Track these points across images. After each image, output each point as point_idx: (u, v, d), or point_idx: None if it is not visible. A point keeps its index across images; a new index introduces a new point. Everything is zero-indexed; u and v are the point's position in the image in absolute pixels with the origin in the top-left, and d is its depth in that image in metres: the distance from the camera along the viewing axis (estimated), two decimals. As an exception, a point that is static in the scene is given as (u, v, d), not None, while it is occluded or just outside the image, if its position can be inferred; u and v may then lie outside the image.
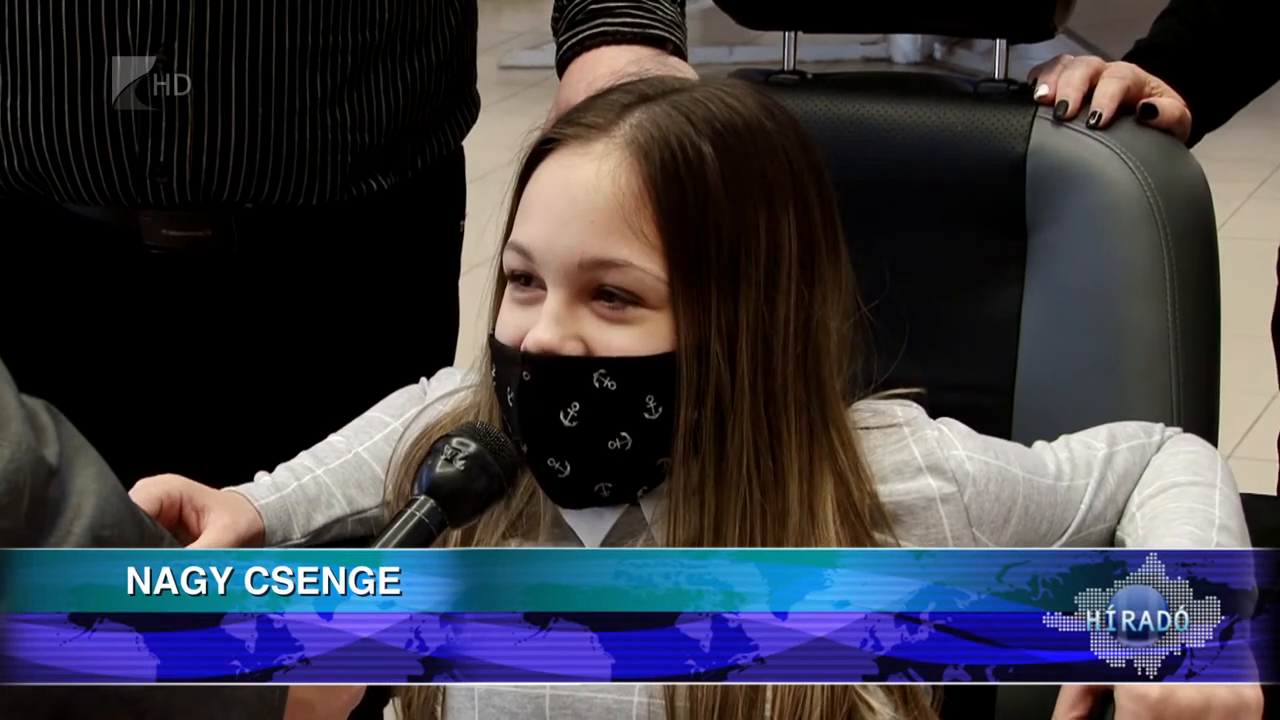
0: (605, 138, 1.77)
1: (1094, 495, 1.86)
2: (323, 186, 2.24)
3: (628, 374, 1.74)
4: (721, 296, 1.74)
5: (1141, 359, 2.12)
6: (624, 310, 1.74)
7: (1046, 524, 1.84)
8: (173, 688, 1.33)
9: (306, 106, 2.22)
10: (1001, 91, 2.24)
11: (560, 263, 1.75)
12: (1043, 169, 2.16)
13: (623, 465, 1.77)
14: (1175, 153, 2.19)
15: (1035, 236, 2.17)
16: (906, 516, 1.79)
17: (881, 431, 1.82)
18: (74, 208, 2.26)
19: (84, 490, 1.29)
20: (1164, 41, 2.32)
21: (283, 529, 1.89)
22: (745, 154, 1.77)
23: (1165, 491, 1.86)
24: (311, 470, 1.94)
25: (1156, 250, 2.13)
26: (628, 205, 1.74)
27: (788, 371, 1.76)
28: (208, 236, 2.25)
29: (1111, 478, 1.88)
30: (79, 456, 1.31)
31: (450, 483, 1.65)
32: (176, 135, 2.20)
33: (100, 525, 1.28)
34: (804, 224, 1.78)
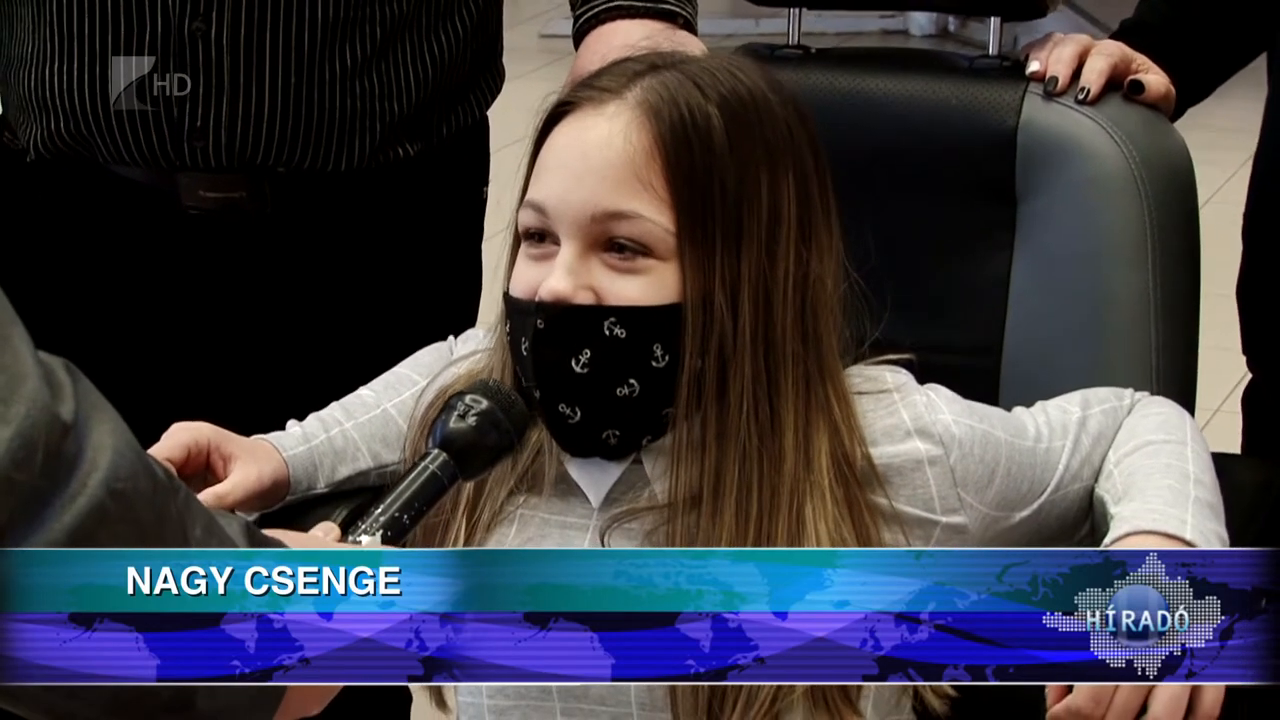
0: (617, 100, 1.68)
1: (1070, 456, 1.75)
2: (352, 153, 2.11)
3: (636, 322, 1.65)
4: (725, 249, 1.65)
5: (1123, 323, 1.99)
6: (634, 260, 1.65)
7: (1028, 484, 1.74)
8: None
9: (337, 76, 2.09)
10: (995, 67, 2.10)
11: (573, 216, 1.65)
12: (1032, 141, 2.02)
13: (631, 413, 1.67)
14: (1160, 127, 2.05)
15: (1025, 205, 2.03)
16: (895, 478, 1.69)
17: (873, 397, 1.72)
18: (117, 169, 2.13)
19: (100, 446, 1.17)
20: (1149, 20, 2.18)
21: (308, 479, 1.78)
22: (749, 120, 1.68)
23: (1140, 450, 1.74)
24: (340, 423, 1.82)
25: (1139, 220, 1.99)
26: (638, 160, 1.65)
27: (786, 323, 1.67)
28: (243, 198, 2.11)
29: (1086, 439, 1.77)
30: (96, 414, 1.19)
31: (462, 437, 1.56)
32: (213, 102, 2.07)
33: (115, 479, 1.17)
34: (802, 188, 1.69)
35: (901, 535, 1.68)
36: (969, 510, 1.70)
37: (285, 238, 2.14)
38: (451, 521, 1.74)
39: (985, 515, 1.71)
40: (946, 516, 1.69)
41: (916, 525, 1.68)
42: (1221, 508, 1.70)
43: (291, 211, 2.13)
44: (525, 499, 1.74)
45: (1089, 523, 1.74)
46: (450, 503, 1.73)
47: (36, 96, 2.11)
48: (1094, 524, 1.73)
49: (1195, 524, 1.63)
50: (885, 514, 1.68)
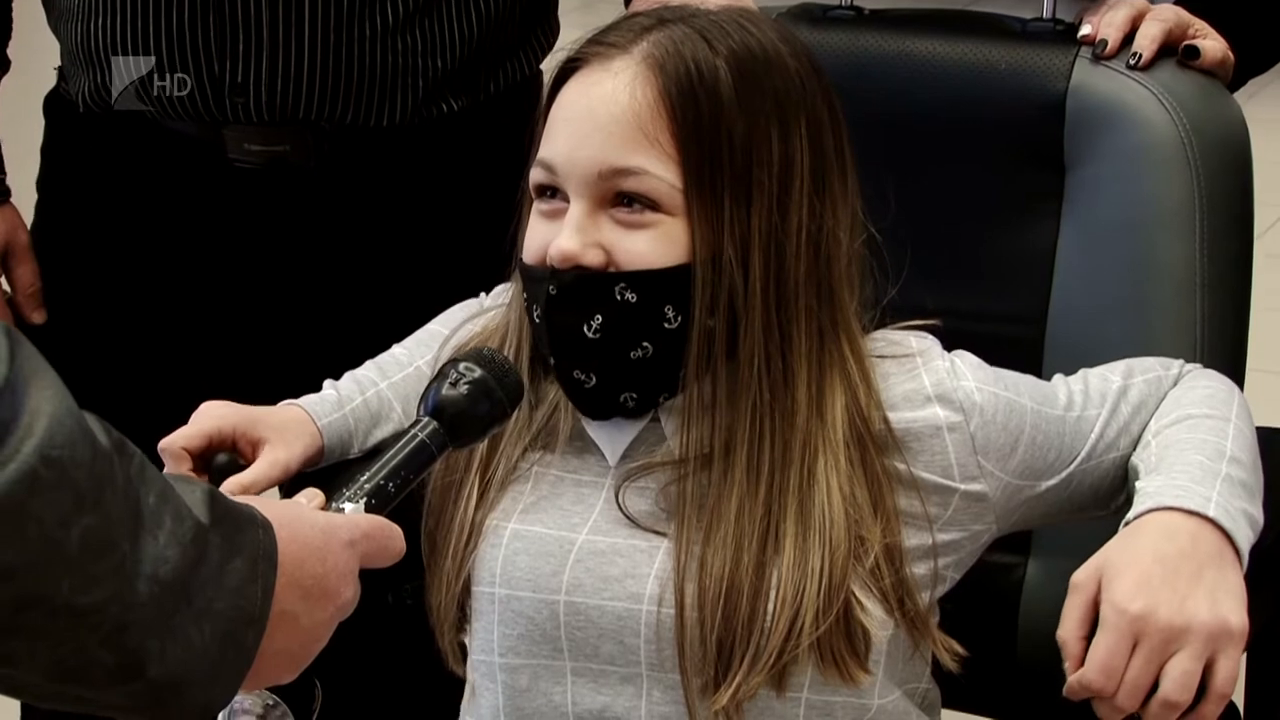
0: (624, 55, 1.67)
1: (1105, 425, 1.74)
2: (393, 109, 2.12)
3: (647, 285, 1.64)
4: (735, 203, 1.64)
5: (1169, 295, 1.96)
6: (642, 214, 1.65)
7: (1055, 452, 1.72)
8: (131, 600, 1.19)
9: (377, 33, 2.10)
10: (1048, 31, 2.07)
11: (581, 173, 1.65)
12: (1081, 107, 1.99)
13: (645, 374, 1.67)
14: (1214, 94, 2.01)
15: (1073, 173, 2.01)
16: (914, 443, 1.68)
17: (895, 360, 1.71)
18: (166, 122, 2.15)
19: (36, 411, 1.15)
20: (1214, -16, 2.13)
21: (342, 446, 1.78)
22: (757, 71, 1.67)
23: (1181, 422, 1.72)
24: (376, 384, 1.83)
25: (1188, 190, 1.96)
26: (643, 115, 1.64)
27: (799, 277, 1.66)
28: (287, 152, 2.13)
29: (1125, 408, 1.75)
30: (35, 379, 1.17)
31: (454, 405, 1.56)
32: (252, 58, 2.08)
33: (50, 446, 1.15)
34: (815, 141, 1.68)
35: (919, 501, 1.67)
36: (989, 478, 1.68)
37: (331, 191, 2.15)
38: (466, 479, 1.74)
39: (1008, 484, 1.69)
40: (965, 484, 1.68)
41: (934, 491, 1.67)
42: (1259, 487, 1.67)
43: (337, 165, 2.14)
44: (541, 456, 1.74)
45: (1125, 492, 1.72)
46: (464, 461, 1.75)
47: (84, 50, 2.13)
48: (1129, 494, 1.70)
49: (1221, 502, 1.61)
50: (903, 479, 1.67)
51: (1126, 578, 1.57)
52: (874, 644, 1.65)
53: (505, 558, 1.71)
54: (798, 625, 1.62)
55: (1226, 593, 1.57)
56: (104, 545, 1.17)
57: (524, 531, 1.71)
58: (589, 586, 1.68)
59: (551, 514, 1.71)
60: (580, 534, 1.69)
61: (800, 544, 1.63)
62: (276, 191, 2.15)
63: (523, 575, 1.70)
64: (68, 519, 1.15)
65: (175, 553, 1.21)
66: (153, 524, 1.20)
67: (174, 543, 1.21)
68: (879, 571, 1.64)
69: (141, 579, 1.19)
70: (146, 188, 2.18)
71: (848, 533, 1.63)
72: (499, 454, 1.74)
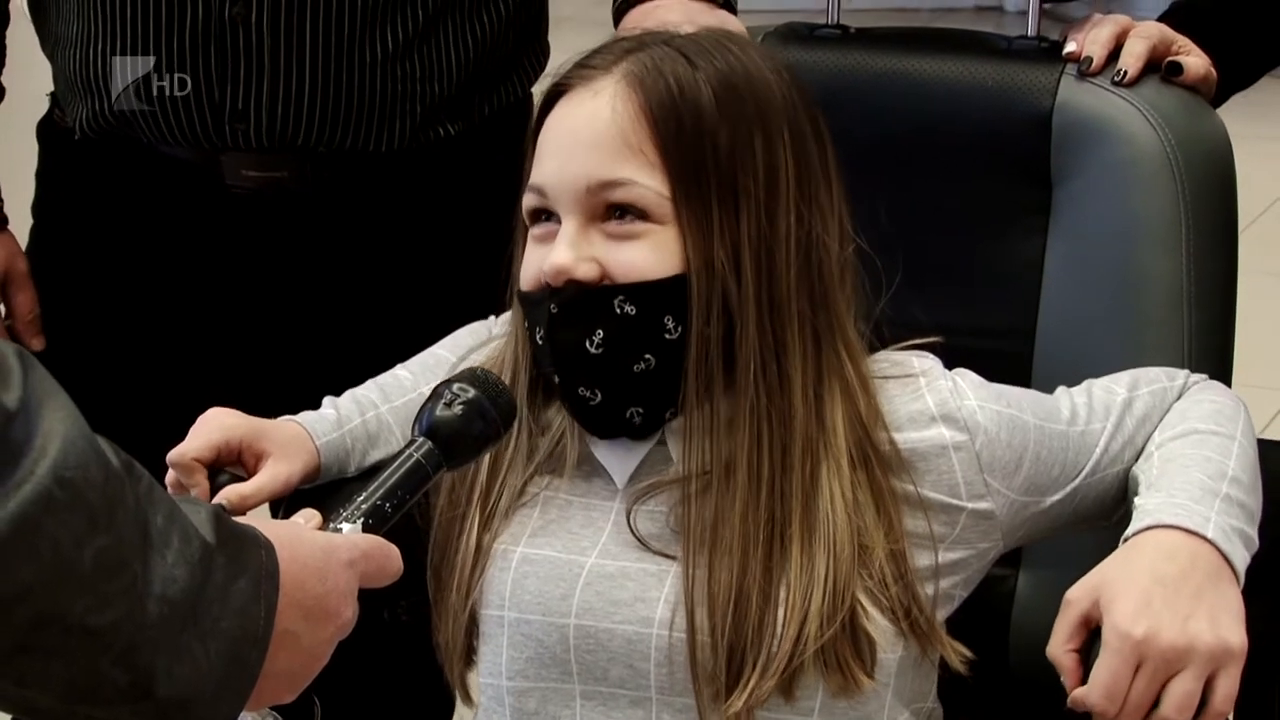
0: (605, 75, 1.70)
1: (1110, 438, 1.75)
2: (392, 135, 2.15)
3: (646, 297, 1.67)
4: (723, 210, 1.67)
5: (1156, 308, 1.99)
6: (633, 225, 1.67)
7: (1059, 468, 1.73)
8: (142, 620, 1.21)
9: (378, 60, 2.12)
10: (1033, 48, 2.10)
11: (570, 190, 1.68)
12: (1068, 123, 2.02)
13: (650, 387, 1.69)
14: (1198, 110, 2.04)
15: (1060, 188, 2.03)
16: (920, 463, 1.69)
17: (899, 381, 1.72)
18: (162, 148, 2.17)
19: (50, 433, 1.18)
20: (1199, 1, 2.16)
21: (338, 465, 1.81)
22: (738, 85, 1.69)
23: (1185, 437, 1.74)
24: (376, 406, 1.85)
25: (1173, 203, 1.99)
26: (626, 128, 1.67)
27: (791, 283, 1.68)
28: (285, 178, 2.16)
29: (1130, 421, 1.76)
30: (48, 401, 1.19)
31: (448, 426, 1.57)
32: (254, 85, 2.11)
33: (63, 467, 1.17)
34: (799, 151, 1.70)
35: (925, 521, 1.68)
36: (995, 496, 1.70)
37: (328, 216, 2.17)
38: (469, 512, 1.76)
39: (1013, 501, 1.71)
40: (972, 503, 1.69)
41: (941, 511, 1.69)
42: (1258, 508, 1.68)
43: (334, 190, 2.16)
44: (549, 481, 1.75)
45: (1126, 505, 1.73)
46: (467, 493, 1.76)
47: (81, 77, 2.15)
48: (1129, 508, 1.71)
49: (1219, 522, 1.62)
50: (910, 500, 1.68)
51: (1127, 599, 1.57)
52: (881, 658, 1.66)
53: (514, 581, 1.72)
54: (806, 630, 1.63)
55: (1226, 612, 1.58)
56: (116, 565, 1.19)
57: (533, 555, 1.72)
58: (599, 610, 1.69)
59: (560, 537, 1.73)
60: (589, 557, 1.71)
61: (806, 549, 1.65)
62: (272, 216, 2.17)
63: (532, 599, 1.71)
64: (81, 539, 1.17)
65: (183, 573, 1.23)
66: (161, 544, 1.22)
67: (182, 562, 1.23)
68: (885, 581, 1.66)
69: (151, 599, 1.21)
70: (143, 213, 2.20)
71: (852, 539, 1.65)
72: (501, 482, 1.76)
